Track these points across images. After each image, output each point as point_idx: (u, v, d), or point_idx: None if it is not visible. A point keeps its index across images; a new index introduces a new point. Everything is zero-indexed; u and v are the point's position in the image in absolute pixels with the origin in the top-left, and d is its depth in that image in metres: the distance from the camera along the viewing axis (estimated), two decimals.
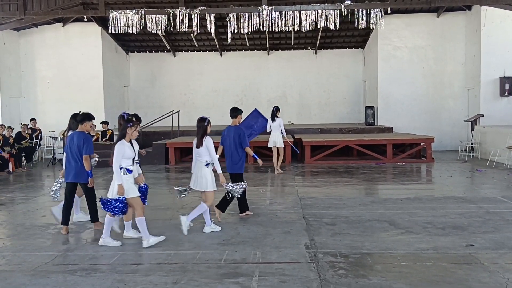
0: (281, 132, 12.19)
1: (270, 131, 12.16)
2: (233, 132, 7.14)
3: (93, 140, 15.28)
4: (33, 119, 16.08)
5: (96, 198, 6.61)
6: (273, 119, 12.14)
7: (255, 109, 10.81)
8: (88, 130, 6.86)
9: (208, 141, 6.28)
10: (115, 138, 15.78)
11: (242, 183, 6.84)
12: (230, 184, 6.73)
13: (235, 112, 7.28)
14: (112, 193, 5.78)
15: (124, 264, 5.12)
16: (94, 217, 6.75)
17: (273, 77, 20.59)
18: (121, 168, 5.85)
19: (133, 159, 6.01)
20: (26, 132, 15.10)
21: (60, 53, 17.89)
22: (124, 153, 5.85)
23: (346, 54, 20.47)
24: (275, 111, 12.24)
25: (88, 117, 6.72)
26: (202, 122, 6.37)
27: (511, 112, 15.50)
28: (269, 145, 12.38)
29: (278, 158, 12.38)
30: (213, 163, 6.35)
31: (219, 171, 6.32)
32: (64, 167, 6.86)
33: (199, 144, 6.29)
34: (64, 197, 6.70)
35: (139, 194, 5.97)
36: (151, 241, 5.78)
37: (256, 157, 7.56)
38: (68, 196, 6.63)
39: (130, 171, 5.94)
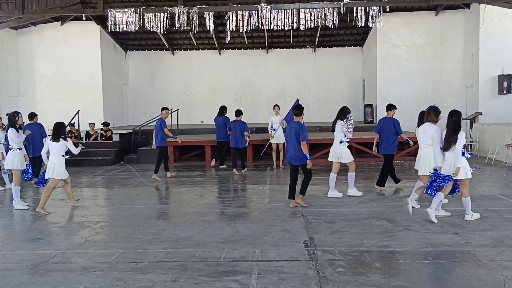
0: (273, 129, 12.58)
1: (273, 128, 12.57)
2: (294, 126, 7.68)
3: (92, 139, 15.61)
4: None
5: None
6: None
7: (297, 99, 12.02)
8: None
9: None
10: (114, 137, 15.90)
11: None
12: None
13: (297, 109, 7.96)
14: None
15: (123, 263, 5.13)
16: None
17: (272, 76, 20.58)
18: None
19: None
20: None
21: (58, 52, 17.86)
22: None
23: (345, 52, 20.47)
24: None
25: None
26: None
27: (510, 110, 15.52)
28: (271, 141, 12.73)
29: (279, 154, 12.72)
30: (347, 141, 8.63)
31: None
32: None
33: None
34: None
35: None
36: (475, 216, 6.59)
37: (308, 157, 7.67)
38: None
39: None
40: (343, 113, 8.79)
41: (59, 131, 7.96)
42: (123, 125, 19.56)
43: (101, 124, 16.03)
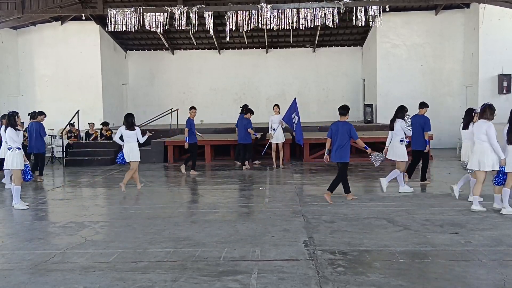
0: (274, 129, 12.65)
1: (273, 128, 12.64)
2: (341, 126, 7.95)
3: (91, 138, 15.61)
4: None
5: None
6: None
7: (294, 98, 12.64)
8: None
9: None
10: (113, 136, 15.89)
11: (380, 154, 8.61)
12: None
13: (344, 109, 8.11)
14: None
15: (123, 262, 5.13)
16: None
17: (271, 75, 20.59)
18: None
19: None
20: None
21: (58, 52, 17.87)
22: None
23: (345, 52, 20.47)
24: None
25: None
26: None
27: (509, 110, 15.44)
28: (271, 141, 12.75)
29: (279, 154, 12.74)
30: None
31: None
32: None
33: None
34: None
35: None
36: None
37: (367, 148, 8.27)
38: None
39: None
40: (402, 111, 8.98)
41: (132, 121, 9.49)
42: None
43: (101, 124, 16.03)
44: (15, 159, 8.17)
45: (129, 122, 9.46)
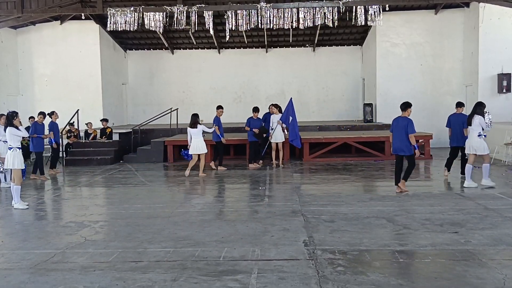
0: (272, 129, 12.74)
1: (272, 128, 12.68)
2: (401, 121, 8.63)
3: (90, 138, 15.60)
4: (31, 117, 16.04)
5: None
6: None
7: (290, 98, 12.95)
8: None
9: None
10: (114, 136, 15.91)
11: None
12: None
13: (403, 105, 8.80)
14: None
15: (123, 262, 5.12)
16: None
17: (271, 75, 20.57)
18: None
19: None
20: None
21: (58, 51, 17.85)
22: None
23: (345, 51, 20.46)
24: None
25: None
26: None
27: (509, 109, 15.52)
28: (271, 141, 12.74)
29: (278, 153, 12.74)
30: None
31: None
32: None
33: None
34: None
35: None
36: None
37: (416, 147, 8.68)
38: None
39: None
40: (480, 108, 9.30)
41: (194, 121, 11.36)
42: (122, 124, 19.54)
43: (101, 120, 16.01)
44: (16, 159, 8.16)
45: (192, 121, 11.31)
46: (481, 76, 15.87)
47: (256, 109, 12.92)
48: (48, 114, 12.55)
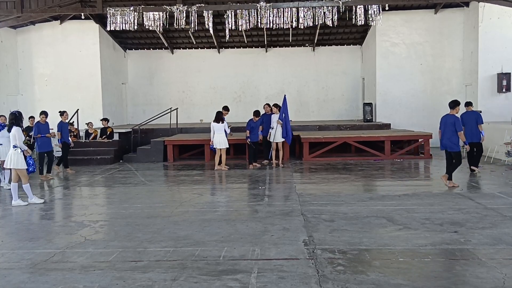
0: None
1: (271, 127, 12.72)
2: (449, 119, 9.05)
3: (91, 138, 15.60)
4: (31, 117, 16.02)
5: None
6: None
7: (284, 95, 13.31)
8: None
9: None
10: (115, 136, 15.90)
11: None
12: None
13: (452, 103, 9.17)
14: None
15: (123, 261, 5.13)
16: None
17: (271, 74, 20.58)
18: None
19: None
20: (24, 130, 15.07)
21: (57, 51, 17.85)
22: None
23: (344, 50, 20.47)
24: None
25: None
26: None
27: (509, 108, 15.52)
28: (270, 140, 12.77)
29: (278, 153, 12.77)
30: None
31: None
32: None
33: None
34: None
35: None
36: None
37: (466, 143, 9.18)
38: None
39: None
40: None
41: (220, 117, 12.12)
42: (122, 124, 19.54)
43: (101, 120, 16.01)
44: (20, 159, 8.10)
45: (217, 116, 12.07)
46: (481, 76, 15.88)
47: (257, 113, 12.86)
48: (59, 113, 12.57)
